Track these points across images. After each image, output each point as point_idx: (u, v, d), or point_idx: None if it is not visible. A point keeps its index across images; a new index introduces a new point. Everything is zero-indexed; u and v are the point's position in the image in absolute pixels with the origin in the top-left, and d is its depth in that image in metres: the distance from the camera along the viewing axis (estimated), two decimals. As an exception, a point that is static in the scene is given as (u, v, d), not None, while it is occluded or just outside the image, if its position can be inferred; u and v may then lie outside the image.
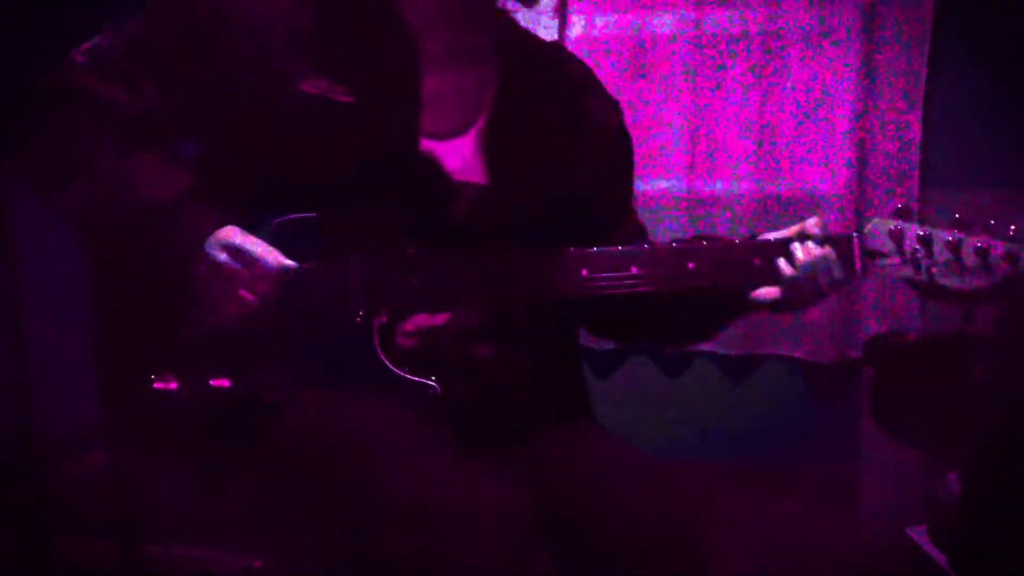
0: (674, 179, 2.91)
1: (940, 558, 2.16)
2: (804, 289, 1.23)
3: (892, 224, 1.20)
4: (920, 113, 2.73)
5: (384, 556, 1.04)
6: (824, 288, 1.22)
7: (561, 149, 1.35)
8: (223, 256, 1.20)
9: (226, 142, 1.28)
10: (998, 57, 2.65)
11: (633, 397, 3.03)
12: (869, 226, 1.22)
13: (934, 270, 1.18)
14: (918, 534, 2.28)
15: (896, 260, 1.20)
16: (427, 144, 1.29)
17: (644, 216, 1.50)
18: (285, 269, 1.20)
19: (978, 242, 1.16)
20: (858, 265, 1.21)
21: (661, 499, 1.18)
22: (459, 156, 1.31)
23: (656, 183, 2.94)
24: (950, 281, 1.18)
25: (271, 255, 1.20)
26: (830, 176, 2.79)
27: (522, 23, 1.42)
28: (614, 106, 1.45)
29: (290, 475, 1.18)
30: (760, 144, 2.86)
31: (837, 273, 1.21)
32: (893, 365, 2.55)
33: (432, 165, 1.29)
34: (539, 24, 2.91)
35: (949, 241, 1.17)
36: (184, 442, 1.29)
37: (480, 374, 1.32)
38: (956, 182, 2.69)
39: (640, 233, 1.46)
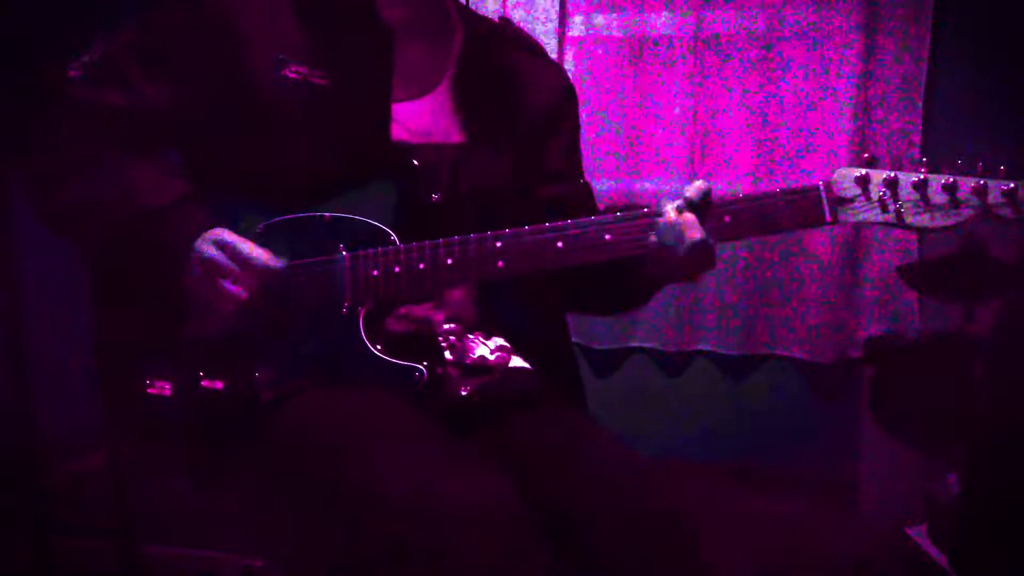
0: (674, 179, 2.91)
1: (940, 558, 2.16)
2: (664, 254, 1.24)
3: (858, 172, 1.21)
4: (920, 113, 2.74)
5: (382, 555, 1.04)
6: (683, 251, 1.22)
7: (523, 99, 1.44)
8: (212, 251, 1.23)
9: (216, 136, 1.31)
10: (998, 57, 2.65)
11: (633, 397, 3.03)
12: (835, 175, 1.23)
13: (902, 210, 1.18)
14: (918, 534, 2.28)
15: (863, 204, 1.21)
16: (398, 107, 1.35)
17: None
18: (273, 266, 1.23)
19: (944, 179, 1.17)
20: (827, 214, 1.22)
21: (661, 498, 1.18)
22: (429, 114, 1.38)
23: (656, 183, 2.94)
24: (918, 220, 1.18)
25: (259, 252, 1.23)
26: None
27: (524, 21, 1.48)
28: (559, 67, 1.57)
29: (288, 474, 1.18)
30: (760, 144, 2.87)
31: (694, 234, 1.22)
32: (893, 365, 2.56)
33: (404, 127, 1.35)
34: (538, 23, 2.92)
35: (915, 181, 1.18)
36: (182, 443, 1.30)
37: (472, 366, 1.33)
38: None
39: (588, 193, 1.51)
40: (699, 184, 1.25)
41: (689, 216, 1.23)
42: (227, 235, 1.24)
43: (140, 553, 1.59)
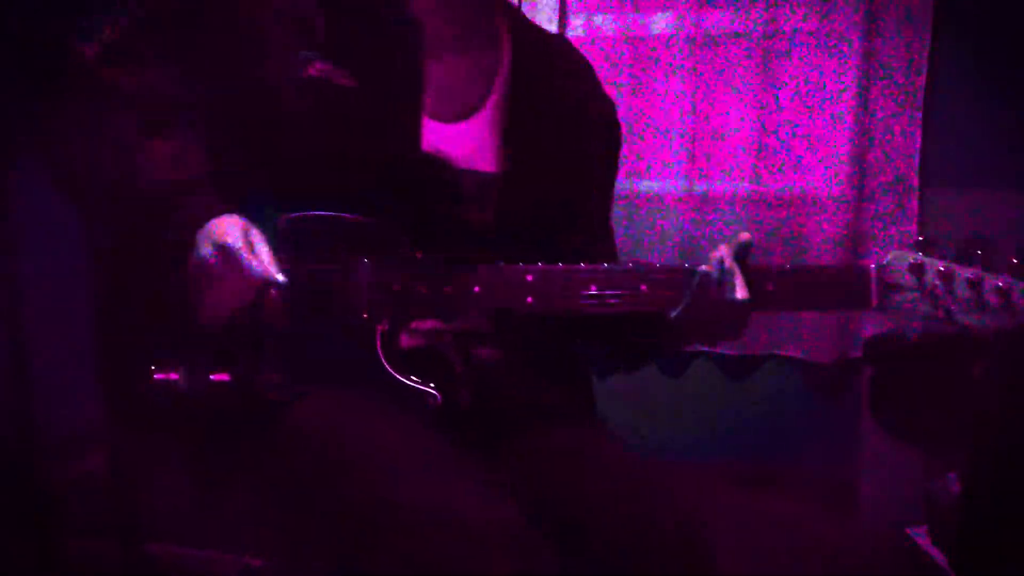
0: (674, 179, 2.91)
1: (940, 558, 2.16)
2: (700, 310, 1.19)
3: (912, 257, 1.16)
4: (920, 113, 2.73)
5: (384, 559, 1.04)
6: (725, 306, 1.17)
7: (569, 136, 1.36)
8: (208, 251, 1.16)
9: (237, 127, 1.28)
10: (998, 57, 2.65)
11: (633, 397, 3.03)
12: (889, 257, 1.17)
13: (953, 307, 1.14)
14: (918, 534, 2.28)
15: (915, 295, 1.15)
16: (434, 125, 1.29)
17: (644, 216, 1.52)
18: (274, 280, 1.16)
19: (1000, 281, 1.12)
20: (874, 300, 1.17)
21: (662, 500, 1.18)
22: (467, 139, 1.31)
23: (656, 183, 2.94)
24: (969, 319, 1.14)
25: (258, 264, 1.15)
26: (830, 176, 2.79)
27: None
28: (612, 103, 1.47)
29: (291, 476, 1.17)
30: (760, 144, 2.86)
31: (730, 294, 1.17)
32: (893, 365, 2.55)
33: (437, 149, 1.29)
34: (539, 23, 2.91)
35: (970, 279, 1.13)
36: (187, 439, 1.28)
37: (483, 377, 1.32)
38: (956, 182, 2.69)
39: (612, 248, 1.45)
40: (744, 235, 1.19)
41: (737, 268, 1.17)
42: (230, 236, 1.16)
43: (141, 552, 1.58)
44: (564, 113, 1.37)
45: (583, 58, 1.47)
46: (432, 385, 1.22)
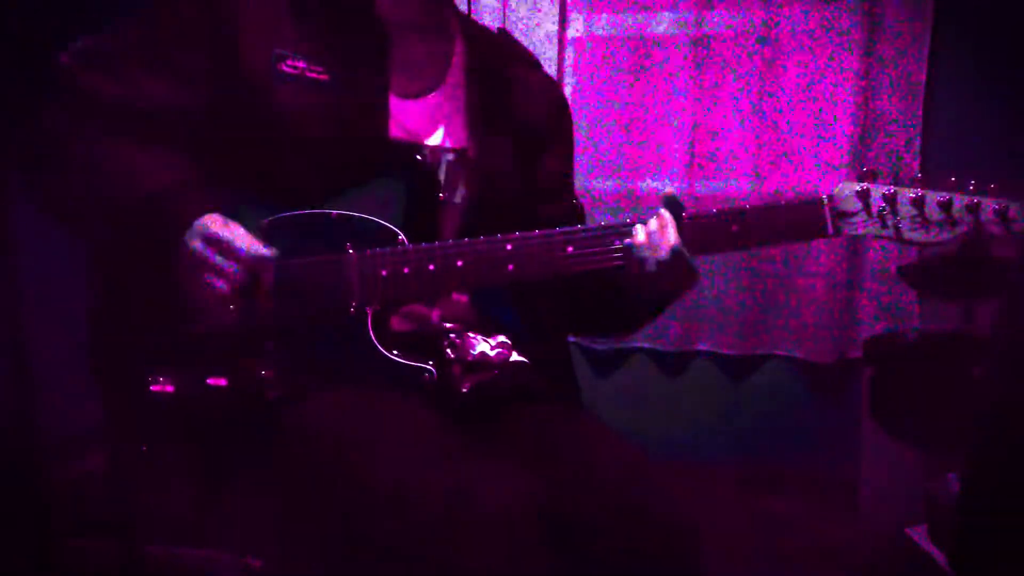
0: (674, 179, 2.91)
1: (940, 558, 2.16)
2: (646, 263, 1.25)
3: (859, 186, 1.25)
4: (920, 113, 2.74)
5: (384, 555, 1.04)
6: (664, 257, 1.24)
7: (522, 109, 1.45)
8: (198, 244, 1.21)
9: (217, 132, 1.30)
10: (998, 57, 2.65)
11: (633, 397, 3.03)
12: (837, 188, 1.26)
13: (901, 225, 1.23)
14: (918, 534, 2.28)
15: (863, 218, 1.25)
16: (399, 103, 1.35)
17: (644, 216, 1.52)
18: (262, 255, 1.21)
19: (940, 196, 1.21)
20: (830, 227, 1.25)
21: (660, 499, 1.18)
22: (431, 114, 1.38)
23: (656, 183, 2.94)
24: (916, 235, 1.23)
25: (247, 242, 1.21)
26: (830, 176, 2.80)
27: (524, 21, 1.48)
28: (558, 84, 1.63)
29: (293, 474, 1.18)
30: (760, 144, 2.87)
31: (672, 237, 1.24)
32: (893, 365, 2.56)
33: (405, 125, 1.35)
34: (539, 23, 2.92)
35: (912, 197, 1.22)
36: (185, 442, 1.29)
37: (474, 368, 1.34)
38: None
39: (582, 214, 1.51)
40: (667, 189, 1.28)
41: (666, 216, 1.26)
42: (215, 226, 1.21)
43: (140, 553, 1.59)
44: (514, 90, 1.46)
45: (524, 47, 1.57)
46: (431, 363, 1.24)
